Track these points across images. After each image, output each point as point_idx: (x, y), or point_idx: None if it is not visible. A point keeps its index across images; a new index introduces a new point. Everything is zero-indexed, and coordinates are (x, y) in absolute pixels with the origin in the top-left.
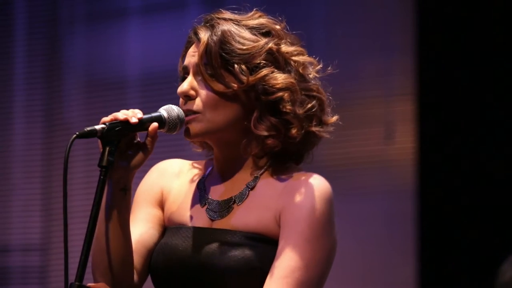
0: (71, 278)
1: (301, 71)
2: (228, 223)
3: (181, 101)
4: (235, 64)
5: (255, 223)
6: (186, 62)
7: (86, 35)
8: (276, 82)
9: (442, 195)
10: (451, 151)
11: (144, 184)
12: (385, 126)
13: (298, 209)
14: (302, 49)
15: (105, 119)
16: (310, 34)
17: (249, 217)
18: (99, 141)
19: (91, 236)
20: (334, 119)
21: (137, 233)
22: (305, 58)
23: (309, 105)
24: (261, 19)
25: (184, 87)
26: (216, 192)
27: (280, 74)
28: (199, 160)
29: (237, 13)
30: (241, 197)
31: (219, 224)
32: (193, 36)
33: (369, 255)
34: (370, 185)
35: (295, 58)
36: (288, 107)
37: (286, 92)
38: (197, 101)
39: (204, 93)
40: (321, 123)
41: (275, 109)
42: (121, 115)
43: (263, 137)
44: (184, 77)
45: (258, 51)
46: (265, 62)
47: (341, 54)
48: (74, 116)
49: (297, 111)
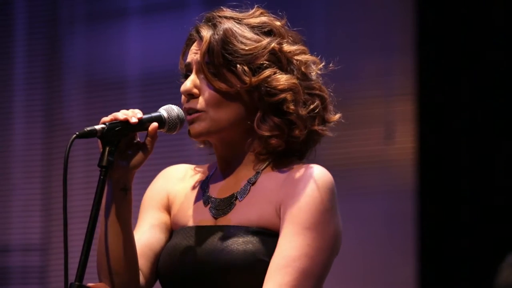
0: (71, 278)
1: (303, 70)
2: (230, 219)
3: (184, 98)
4: (238, 65)
5: (257, 217)
6: (189, 59)
7: (86, 35)
8: (279, 83)
9: (442, 195)
10: (451, 151)
11: (150, 190)
12: (385, 126)
13: (296, 199)
14: (304, 47)
15: (105, 119)
16: (310, 34)
17: (251, 212)
18: (99, 141)
19: (91, 236)
20: (337, 117)
21: (144, 237)
22: (308, 57)
23: (312, 106)
24: (262, 17)
25: (187, 85)
26: (218, 191)
27: (283, 75)
28: (203, 165)
29: (238, 10)
30: (242, 193)
31: (221, 221)
32: (195, 34)
33: (369, 255)
34: (370, 185)
35: (297, 57)
36: (292, 107)
37: (289, 93)
38: (200, 99)
39: (207, 91)
40: (324, 121)
41: (278, 109)
42: (121, 115)
43: (266, 137)
44: (186, 74)
45: (260, 51)
46: (268, 63)
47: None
48: (74, 116)
49: (300, 112)
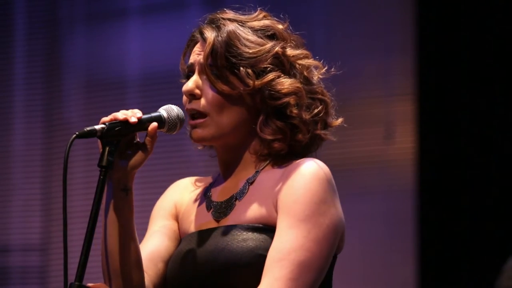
0: (71, 278)
1: (306, 74)
2: (231, 219)
3: (185, 99)
4: (241, 67)
5: (256, 214)
6: (192, 59)
7: (86, 35)
8: (283, 87)
9: (442, 195)
10: (451, 151)
11: (159, 201)
12: (385, 126)
13: (291, 192)
14: (307, 52)
15: (104, 119)
16: (310, 34)
17: (250, 210)
18: (98, 141)
19: (90, 236)
20: (339, 121)
21: (153, 244)
22: (310, 61)
23: (315, 110)
24: (265, 20)
25: (190, 85)
26: (219, 194)
27: (286, 79)
28: (207, 176)
29: (241, 13)
30: (241, 193)
31: (223, 222)
32: (198, 35)
33: (369, 255)
34: (370, 185)
35: (300, 62)
36: (295, 111)
37: (292, 97)
38: (202, 101)
39: (209, 93)
40: (326, 126)
41: (282, 112)
42: (121, 115)
43: (269, 141)
44: (188, 75)
45: (264, 55)
46: (272, 67)
47: (341, 54)
48: (74, 116)
49: (303, 116)
